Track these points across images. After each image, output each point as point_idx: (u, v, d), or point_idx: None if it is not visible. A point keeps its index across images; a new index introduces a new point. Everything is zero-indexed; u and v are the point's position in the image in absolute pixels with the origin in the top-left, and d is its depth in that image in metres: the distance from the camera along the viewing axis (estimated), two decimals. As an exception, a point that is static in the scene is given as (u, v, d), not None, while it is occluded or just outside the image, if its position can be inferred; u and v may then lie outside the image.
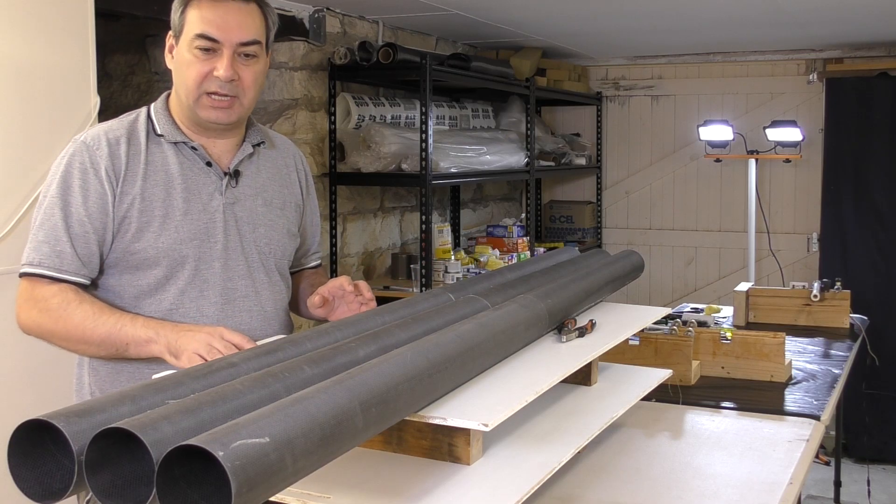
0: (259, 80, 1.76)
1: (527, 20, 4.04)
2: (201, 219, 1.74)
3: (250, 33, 1.71)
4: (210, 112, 1.72)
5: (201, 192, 1.76)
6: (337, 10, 3.78)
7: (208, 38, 1.67)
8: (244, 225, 1.80)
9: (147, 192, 1.71)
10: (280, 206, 1.89)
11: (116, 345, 1.64)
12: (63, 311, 1.64)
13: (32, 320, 1.68)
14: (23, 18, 2.28)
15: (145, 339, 1.62)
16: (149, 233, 1.70)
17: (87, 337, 1.64)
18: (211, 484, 0.92)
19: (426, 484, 1.30)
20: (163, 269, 1.71)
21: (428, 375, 1.27)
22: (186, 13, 1.70)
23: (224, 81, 1.69)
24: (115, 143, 1.71)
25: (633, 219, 5.66)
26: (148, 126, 1.77)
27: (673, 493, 1.60)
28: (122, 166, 1.70)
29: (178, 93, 1.75)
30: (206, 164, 1.78)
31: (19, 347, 2.31)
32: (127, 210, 1.70)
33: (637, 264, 2.23)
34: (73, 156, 1.70)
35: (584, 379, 1.80)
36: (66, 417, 1.00)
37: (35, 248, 1.68)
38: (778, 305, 3.29)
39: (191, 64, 1.69)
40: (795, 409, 2.19)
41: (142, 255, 1.71)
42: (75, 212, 1.67)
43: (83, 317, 1.63)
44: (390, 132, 3.74)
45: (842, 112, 4.90)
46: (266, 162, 1.89)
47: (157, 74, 3.84)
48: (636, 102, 5.58)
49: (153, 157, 1.74)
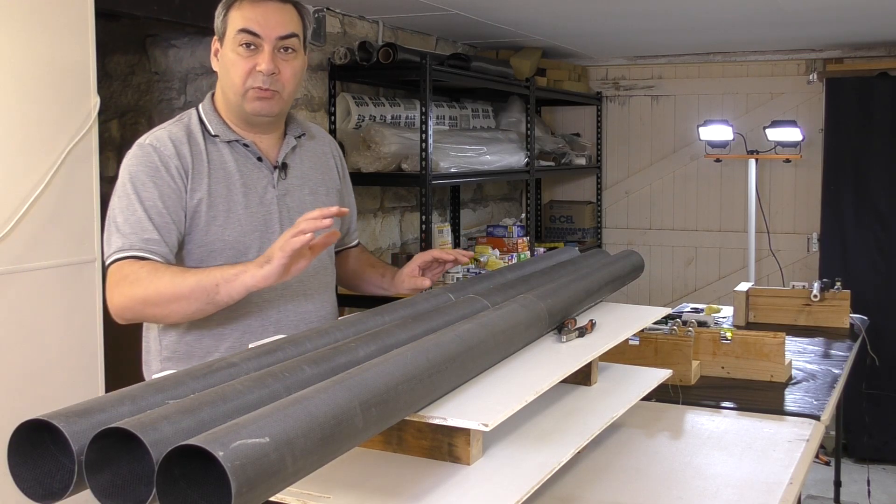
0: (297, 74, 1.89)
1: (527, 20, 4.04)
2: (259, 211, 1.88)
3: (288, 27, 1.84)
4: (255, 104, 1.83)
5: (257, 186, 1.89)
6: (337, 10, 3.78)
7: (250, 32, 1.80)
8: (296, 214, 1.90)
9: (212, 188, 1.84)
10: (325, 192, 2.03)
11: (207, 289, 1.69)
12: (153, 275, 1.71)
13: (124, 295, 1.72)
14: (23, 18, 2.29)
15: (233, 274, 1.67)
16: (215, 226, 1.83)
17: (178, 291, 1.69)
18: (211, 484, 0.92)
19: (426, 484, 1.30)
20: (229, 259, 1.83)
21: (428, 375, 1.27)
22: (229, 15, 1.84)
23: (266, 76, 1.81)
24: (179, 143, 1.83)
25: (633, 219, 5.66)
26: (201, 127, 1.88)
27: (673, 493, 1.60)
28: (189, 165, 1.82)
29: (225, 91, 1.87)
30: (258, 160, 1.91)
31: (19, 347, 2.31)
32: (196, 205, 1.82)
33: (637, 264, 2.23)
34: (142, 157, 1.81)
35: (584, 379, 1.80)
36: (66, 417, 1.00)
37: (124, 237, 1.76)
38: (778, 305, 3.29)
39: (235, 62, 1.82)
40: (795, 409, 2.19)
41: (210, 247, 1.83)
42: (153, 205, 1.77)
43: (172, 275, 1.71)
44: (390, 132, 3.74)
45: (842, 112, 4.90)
46: (307, 152, 2.03)
47: (157, 74, 3.84)
48: (636, 102, 5.58)
49: (213, 156, 1.86)
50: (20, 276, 2.30)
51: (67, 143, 2.40)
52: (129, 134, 3.94)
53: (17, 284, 2.29)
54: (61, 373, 2.43)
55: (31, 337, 2.35)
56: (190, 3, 3.01)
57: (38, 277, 2.35)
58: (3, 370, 2.27)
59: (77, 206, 2.44)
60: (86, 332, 2.50)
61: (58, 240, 2.39)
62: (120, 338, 3.10)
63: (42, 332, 2.37)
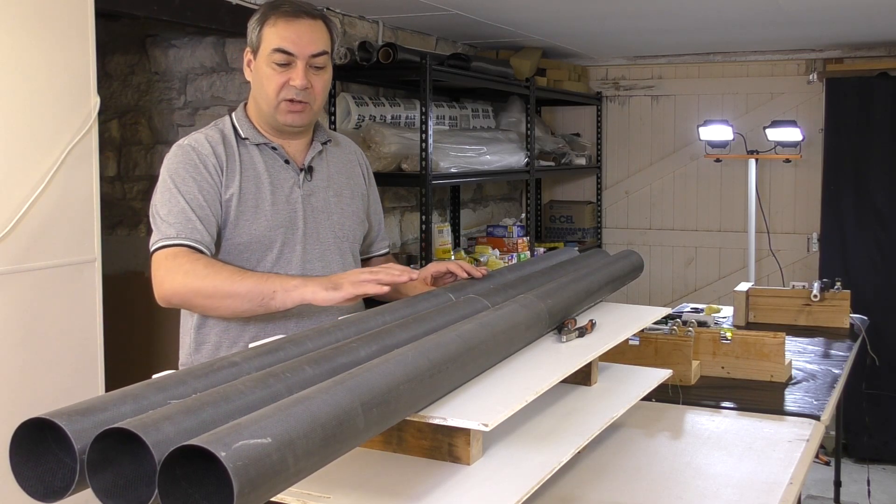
0: (327, 86, 2.01)
1: (527, 20, 4.04)
2: (285, 209, 1.98)
3: (319, 46, 1.94)
4: (287, 116, 1.95)
5: (283, 185, 1.99)
6: (337, 10, 3.78)
7: (285, 52, 1.90)
8: (319, 213, 2.03)
9: (243, 185, 1.94)
10: (349, 196, 2.12)
11: (263, 293, 1.78)
12: (210, 269, 1.81)
13: (178, 282, 1.81)
14: (23, 18, 2.29)
15: (292, 286, 1.78)
16: (244, 221, 1.93)
17: (235, 289, 1.79)
18: (213, 484, 0.92)
19: (426, 484, 1.30)
20: (255, 253, 1.95)
21: (429, 375, 1.27)
22: (263, 31, 1.93)
23: (299, 90, 1.92)
24: (215, 144, 1.95)
25: (633, 219, 5.67)
26: (234, 132, 2.00)
27: (673, 493, 1.60)
28: (224, 162, 1.94)
29: (258, 101, 1.98)
30: (285, 162, 2.01)
31: (19, 347, 2.32)
32: (229, 200, 1.93)
33: (637, 264, 2.23)
34: (182, 156, 1.92)
35: (584, 379, 1.80)
36: (69, 416, 1.00)
37: (170, 226, 1.86)
38: (778, 305, 3.29)
39: (270, 77, 1.93)
40: (795, 409, 2.19)
41: (237, 241, 1.93)
42: (194, 199, 1.88)
43: (230, 272, 1.82)
44: (390, 132, 3.74)
45: (842, 112, 4.90)
46: (333, 158, 2.12)
47: (157, 74, 3.85)
48: (636, 102, 5.59)
49: (244, 157, 1.97)
50: (20, 276, 2.30)
51: (67, 143, 2.40)
52: (129, 134, 3.94)
53: (17, 284, 2.30)
54: (61, 373, 2.43)
55: (31, 337, 2.35)
56: (190, 3, 3.01)
57: (38, 277, 2.35)
58: (3, 370, 2.27)
59: (77, 206, 2.44)
60: (86, 332, 2.50)
61: (58, 240, 2.39)
62: (120, 338, 3.11)
63: (42, 332, 2.37)
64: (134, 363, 2.07)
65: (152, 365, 1.94)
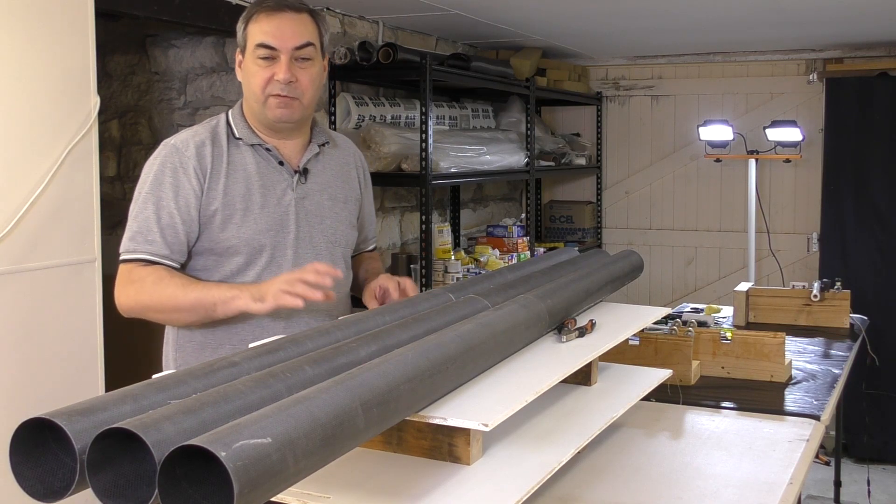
0: (316, 81, 1.96)
1: (527, 20, 4.04)
2: (276, 212, 1.95)
3: (303, 38, 1.91)
4: (275, 111, 1.92)
5: (275, 188, 1.96)
6: (337, 10, 3.78)
7: (267, 46, 1.89)
8: (313, 217, 2.00)
9: (230, 188, 1.92)
10: (343, 200, 2.10)
11: (205, 306, 1.83)
12: (156, 286, 1.84)
13: (130, 298, 1.86)
14: (23, 18, 2.29)
15: (230, 297, 1.81)
16: (232, 224, 1.91)
17: (179, 304, 1.83)
18: (213, 484, 0.92)
19: (426, 484, 1.30)
20: (244, 256, 1.93)
21: (429, 376, 1.27)
22: (248, 29, 1.94)
23: (283, 84, 1.89)
24: (201, 145, 1.92)
25: (633, 219, 5.67)
26: (227, 130, 1.97)
27: (673, 493, 1.60)
28: (209, 166, 1.91)
29: (248, 100, 1.97)
30: (279, 164, 1.98)
31: (19, 347, 2.32)
32: (213, 204, 1.90)
33: (637, 264, 2.23)
34: (164, 157, 1.91)
35: (584, 379, 1.80)
36: (68, 416, 1.00)
37: (130, 238, 1.89)
38: (778, 305, 3.29)
39: (255, 73, 1.92)
40: (795, 409, 2.19)
41: (226, 244, 1.91)
42: (166, 206, 1.87)
43: (174, 288, 1.84)
44: (390, 132, 3.74)
45: (842, 112, 4.90)
46: (330, 160, 2.09)
47: (157, 74, 3.85)
48: (636, 102, 5.59)
49: (234, 157, 1.94)
50: (20, 276, 2.30)
51: (67, 143, 2.40)
52: (129, 134, 3.94)
53: (17, 284, 2.30)
54: (61, 373, 2.43)
55: (31, 337, 2.35)
56: (190, 3, 3.01)
57: (38, 277, 2.35)
58: (3, 370, 2.27)
59: (77, 206, 2.44)
60: (86, 332, 2.50)
61: (58, 240, 2.39)
62: (120, 338, 3.11)
63: (42, 332, 2.37)
64: (134, 363, 2.07)
65: (152, 365, 1.94)
